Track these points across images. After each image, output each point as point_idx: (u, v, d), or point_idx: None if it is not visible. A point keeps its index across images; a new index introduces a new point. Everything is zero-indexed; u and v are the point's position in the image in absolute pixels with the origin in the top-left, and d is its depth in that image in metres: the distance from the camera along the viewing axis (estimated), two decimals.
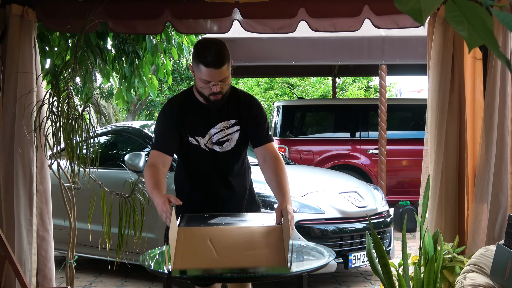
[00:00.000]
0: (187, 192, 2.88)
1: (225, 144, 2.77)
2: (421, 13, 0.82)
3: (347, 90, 20.71)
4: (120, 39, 5.30)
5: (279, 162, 2.75)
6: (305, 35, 6.86)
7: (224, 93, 2.68)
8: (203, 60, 2.58)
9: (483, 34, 0.82)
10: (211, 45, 2.63)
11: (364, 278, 5.35)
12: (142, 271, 4.58)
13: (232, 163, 2.83)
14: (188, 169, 2.88)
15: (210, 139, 2.75)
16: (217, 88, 2.62)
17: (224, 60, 2.59)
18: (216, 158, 2.78)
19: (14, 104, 3.55)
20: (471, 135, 3.63)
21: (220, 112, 2.76)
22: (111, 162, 5.48)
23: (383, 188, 7.25)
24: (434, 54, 3.60)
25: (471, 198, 3.59)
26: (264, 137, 2.80)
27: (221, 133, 2.76)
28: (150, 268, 2.46)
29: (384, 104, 7.55)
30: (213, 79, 2.60)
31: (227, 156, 2.79)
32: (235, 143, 2.77)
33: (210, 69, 2.57)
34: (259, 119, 2.81)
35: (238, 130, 2.78)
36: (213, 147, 2.76)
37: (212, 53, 2.57)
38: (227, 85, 2.67)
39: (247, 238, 2.32)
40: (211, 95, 2.65)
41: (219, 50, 2.61)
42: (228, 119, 2.77)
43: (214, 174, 2.82)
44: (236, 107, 2.79)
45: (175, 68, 16.49)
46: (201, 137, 2.75)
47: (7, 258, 3.19)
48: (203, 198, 2.84)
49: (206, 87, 2.63)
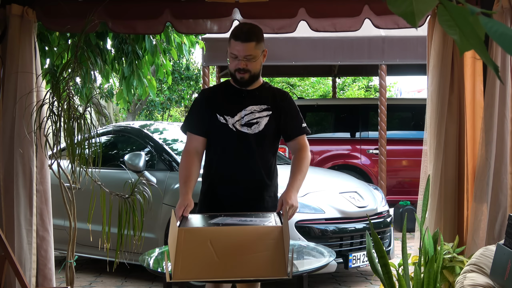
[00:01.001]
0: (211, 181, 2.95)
1: (254, 126, 2.87)
2: (414, 15, 0.82)
3: (347, 90, 20.72)
4: (120, 39, 5.30)
5: (302, 152, 2.95)
6: (305, 35, 6.86)
7: (252, 74, 2.83)
8: (233, 34, 2.80)
9: (472, 40, 0.82)
10: (245, 24, 2.95)
11: (364, 278, 5.35)
12: (142, 271, 4.58)
13: (258, 147, 2.89)
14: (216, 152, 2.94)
15: (240, 120, 2.86)
16: (242, 64, 2.79)
17: (251, 36, 2.78)
18: (243, 140, 2.86)
19: (14, 104, 3.55)
20: (470, 135, 3.63)
21: (252, 96, 2.90)
22: (111, 163, 5.48)
23: (383, 188, 7.25)
24: (434, 54, 3.60)
25: (470, 198, 3.59)
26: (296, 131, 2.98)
27: (251, 115, 2.88)
28: (150, 268, 2.46)
29: (384, 104, 7.55)
30: (238, 53, 2.78)
31: (254, 139, 2.87)
32: (263, 127, 2.88)
33: (237, 42, 2.77)
34: (294, 112, 2.98)
35: (268, 116, 2.90)
36: (242, 129, 2.86)
37: (243, 29, 2.82)
38: (254, 66, 2.82)
39: (248, 239, 2.31)
40: (237, 71, 2.82)
41: (250, 28, 2.85)
42: (259, 104, 2.90)
43: (240, 156, 2.88)
44: (269, 95, 2.94)
45: (175, 68, 16.49)
46: (230, 117, 2.87)
47: (7, 258, 3.19)
48: (224, 181, 2.89)
49: (233, 62, 2.82)
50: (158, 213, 4.88)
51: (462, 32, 0.83)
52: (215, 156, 2.94)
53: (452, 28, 0.83)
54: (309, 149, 3.00)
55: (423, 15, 0.82)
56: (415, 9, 0.82)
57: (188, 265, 2.19)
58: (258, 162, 2.90)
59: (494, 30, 0.81)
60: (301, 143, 2.98)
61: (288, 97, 3.01)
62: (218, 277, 2.23)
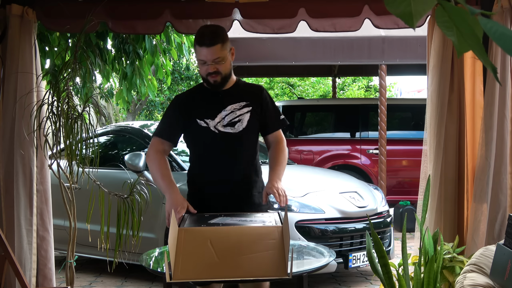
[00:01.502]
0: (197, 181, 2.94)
1: (237, 125, 2.86)
2: (412, 16, 0.82)
3: (347, 90, 20.72)
4: (120, 39, 5.30)
5: (280, 145, 2.94)
6: (305, 35, 6.86)
7: (223, 75, 2.82)
8: (198, 41, 2.78)
9: (470, 41, 0.82)
10: (207, 28, 2.91)
11: (364, 278, 5.35)
12: (142, 271, 4.58)
13: (244, 144, 2.89)
14: (200, 156, 2.94)
15: (221, 121, 2.85)
16: (212, 68, 2.78)
17: (216, 39, 2.76)
18: (228, 141, 2.85)
19: (14, 104, 3.55)
20: (470, 135, 3.63)
21: (229, 95, 2.89)
22: (111, 163, 5.48)
23: (383, 188, 7.25)
24: (434, 54, 3.60)
25: (470, 198, 3.59)
26: (273, 124, 2.96)
27: (232, 114, 2.86)
28: (150, 268, 2.46)
29: (384, 104, 7.55)
30: (206, 58, 2.76)
31: (239, 138, 2.86)
32: (246, 123, 2.87)
33: (202, 47, 2.75)
34: (271, 106, 2.97)
35: (249, 111, 2.88)
36: (225, 130, 2.84)
37: (205, 33, 2.79)
38: (223, 67, 2.81)
39: (248, 239, 2.31)
40: (209, 76, 2.81)
41: (213, 31, 2.82)
42: (238, 102, 2.89)
43: (225, 157, 2.87)
44: (246, 91, 2.93)
45: (175, 68, 16.49)
46: (210, 120, 2.85)
47: (7, 258, 3.19)
48: (211, 183, 2.88)
49: (203, 68, 2.81)
50: (158, 213, 4.88)
51: (460, 33, 0.83)
52: (200, 160, 2.94)
53: (450, 29, 0.83)
54: (285, 142, 3.01)
55: (421, 16, 0.82)
56: (413, 9, 0.82)
57: (188, 265, 2.19)
58: (245, 160, 2.90)
59: (493, 31, 0.81)
60: (279, 137, 2.98)
61: (264, 90, 3.00)
62: (218, 277, 2.23)
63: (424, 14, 0.83)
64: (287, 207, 2.57)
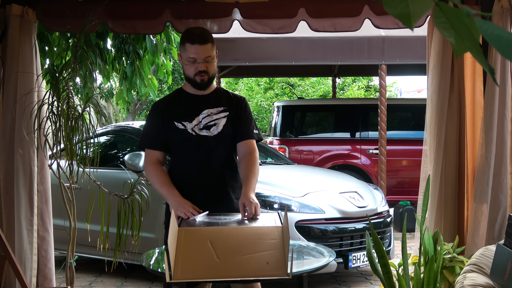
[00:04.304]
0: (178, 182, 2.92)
1: (212, 128, 2.89)
2: (410, 17, 0.82)
3: (347, 90, 20.72)
4: (120, 39, 5.31)
5: (252, 155, 2.91)
6: (305, 35, 6.86)
7: (210, 76, 2.88)
8: (189, 39, 2.81)
9: (468, 42, 0.82)
10: (196, 28, 3.01)
11: (364, 278, 5.36)
12: (142, 271, 4.58)
13: (219, 148, 2.90)
14: (178, 157, 2.96)
15: (198, 124, 2.88)
16: (202, 66, 2.82)
17: (208, 38, 2.83)
18: (204, 144, 2.88)
19: (14, 104, 3.55)
20: (470, 135, 3.63)
21: (207, 100, 2.93)
22: (111, 163, 5.48)
23: (383, 188, 7.25)
24: (434, 54, 3.60)
25: (470, 198, 3.59)
26: (246, 133, 2.95)
27: (208, 118, 2.90)
28: (150, 268, 2.46)
29: (384, 104, 7.55)
30: (198, 56, 2.80)
31: (215, 141, 2.88)
32: (222, 128, 2.90)
33: (195, 45, 2.79)
34: (248, 116, 2.99)
35: (225, 116, 2.92)
36: (201, 133, 2.88)
37: (196, 32, 2.85)
38: (211, 67, 2.86)
39: (248, 239, 2.31)
40: (197, 75, 2.85)
41: (202, 30, 2.92)
42: (216, 107, 2.93)
43: (201, 159, 2.89)
44: (224, 97, 2.98)
45: (175, 68, 16.50)
46: (188, 122, 2.89)
47: (7, 258, 3.20)
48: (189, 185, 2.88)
49: (192, 67, 2.84)
50: (158, 213, 4.88)
51: (457, 34, 0.83)
52: (177, 162, 2.95)
53: (448, 30, 0.83)
54: (258, 153, 2.97)
55: (419, 17, 0.82)
56: (411, 10, 0.82)
57: (188, 265, 2.19)
58: (220, 163, 2.91)
59: (489, 33, 0.81)
60: (252, 147, 2.95)
61: (245, 101, 3.02)
62: (218, 277, 2.23)
63: (423, 15, 0.83)
64: (287, 208, 2.57)
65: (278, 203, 4.71)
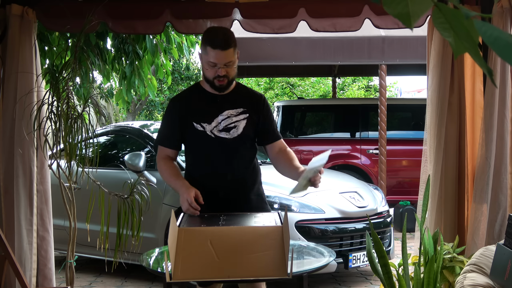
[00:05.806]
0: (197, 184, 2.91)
1: (232, 131, 2.84)
2: (410, 17, 0.82)
3: (347, 90, 20.72)
4: (120, 39, 5.31)
5: (289, 151, 2.94)
6: (305, 35, 6.86)
7: (230, 79, 2.80)
8: (210, 42, 2.71)
9: (466, 43, 0.82)
10: (219, 30, 2.85)
11: (364, 278, 5.35)
12: (142, 271, 4.58)
13: (239, 150, 2.87)
14: (196, 160, 2.93)
15: (217, 126, 2.82)
16: (222, 71, 2.74)
17: (230, 43, 2.72)
18: (223, 146, 2.83)
19: (14, 104, 3.55)
20: (470, 135, 3.63)
21: (227, 100, 2.86)
22: (111, 163, 5.48)
23: (383, 188, 7.25)
24: (434, 54, 3.60)
25: (470, 198, 3.59)
26: (277, 133, 2.97)
27: (228, 120, 2.84)
28: (150, 268, 2.46)
29: (384, 104, 7.55)
30: (218, 61, 2.72)
31: (234, 143, 2.84)
32: (242, 130, 2.85)
33: (216, 50, 2.70)
34: (270, 117, 2.97)
35: (245, 118, 2.86)
36: (220, 134, 2.83)
37: (220, 36, 2.73)
38: (232, 71, 2.78)
39: (248, 239, 2.31)
40: (216, 79, 2.77)
41: (226, 34, 2.77)
42: (235, 108, 2.86)
43: (220, 162, 2.86)
44: (246, 98, 2.91)
45: (175, 68, 16.50)
46: (207, 124, 2.83)
47: (7, 258, 3.19)
48: (207, 187, 2.84)
49: (212, 70, 2.75)
50: (158, 213, 4.88)
51: (456, 35, 0.82)
52: (196, 163, 2.92)
53: (446, 30, 0.83)
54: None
55: (418, 17, 0.82)
56: (411, 10, 0.82)
57: (188, 265, 2.19)
58: (240, 165, 2.88)
59: (488, 35, 0.81)
60: (284, 145, 2.98)
61: (265, 100, 2.98)
62: (218, 277, 2.23)
63: (422, 15, 0.83)
64: (287, 208, 2.58)
65: (278, 203, 4.71)
